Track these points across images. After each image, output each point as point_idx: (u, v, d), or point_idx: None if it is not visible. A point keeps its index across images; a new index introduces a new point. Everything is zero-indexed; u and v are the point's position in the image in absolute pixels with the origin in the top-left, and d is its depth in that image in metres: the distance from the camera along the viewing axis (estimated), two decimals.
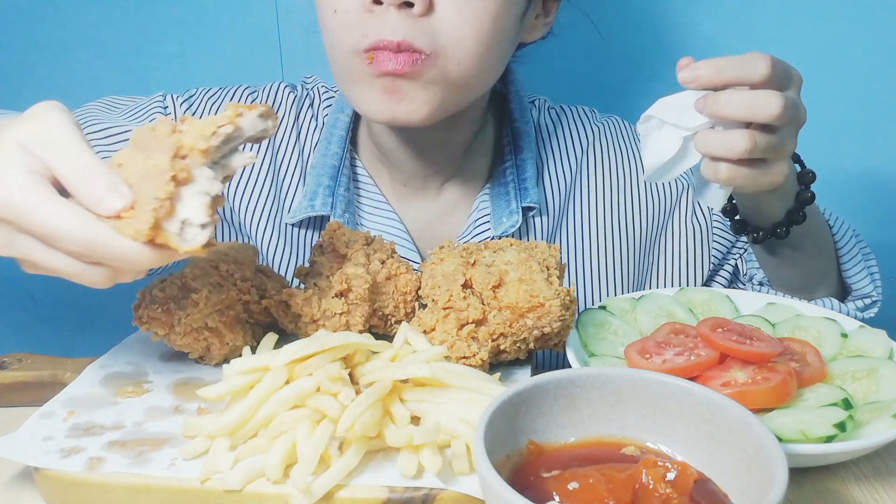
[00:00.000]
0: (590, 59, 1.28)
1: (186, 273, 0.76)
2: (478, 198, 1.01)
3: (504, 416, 0.53)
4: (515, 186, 0.99)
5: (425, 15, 0.78)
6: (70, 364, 0.76)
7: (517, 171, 0.99)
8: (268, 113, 0.60)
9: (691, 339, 0.72)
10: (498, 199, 0.99)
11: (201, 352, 0.74)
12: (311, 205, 0.97)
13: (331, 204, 0.97)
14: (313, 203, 0.97)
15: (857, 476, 0.65)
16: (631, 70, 1.28)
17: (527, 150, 1.00)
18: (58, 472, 0.58)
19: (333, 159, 0.99)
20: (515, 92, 1.04)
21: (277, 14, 1.28)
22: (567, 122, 1.07)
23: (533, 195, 0.98)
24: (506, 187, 0.99)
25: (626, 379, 0.56)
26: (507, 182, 0.99)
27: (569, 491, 0.48)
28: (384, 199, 1.01)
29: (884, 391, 0.67)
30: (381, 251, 0.79)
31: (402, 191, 1.02)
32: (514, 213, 0.97)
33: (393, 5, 0.77)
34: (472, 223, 1.00)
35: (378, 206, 1.01)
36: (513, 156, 1.00)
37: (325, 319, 0.72)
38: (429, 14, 0.79)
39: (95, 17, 1.30)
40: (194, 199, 0.55)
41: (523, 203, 0.97)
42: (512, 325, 0.70)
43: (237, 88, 1.06)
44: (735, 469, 0.51)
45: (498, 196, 0.99)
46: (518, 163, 1.00)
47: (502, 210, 0.98)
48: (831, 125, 1.27)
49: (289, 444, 0.56)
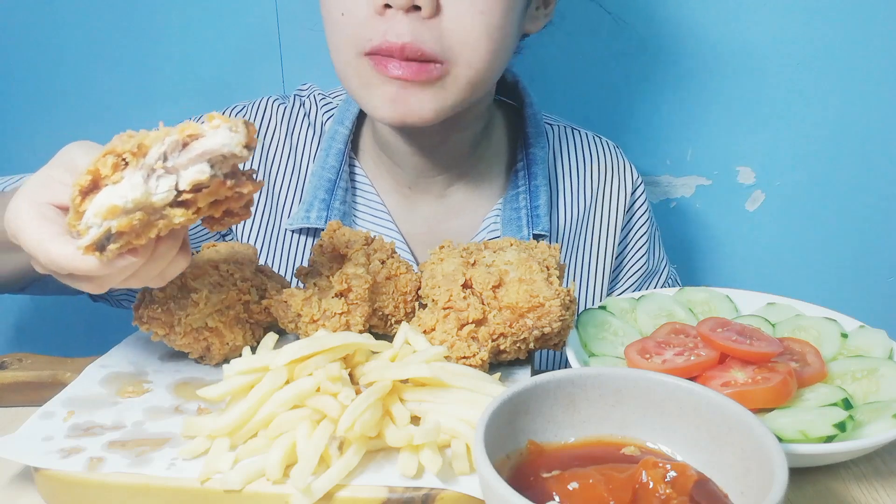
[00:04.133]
0: (587, 56, 1.28)
1: (186, 273, 0.76)
2: (487, 218, 1.02)
3: (504, 416, 0.53)
4: (528, 213, 1.00)
5: (433, 17, 0.78)
6: (70, 364, 0.76)
7: (530, 197, 1.00)
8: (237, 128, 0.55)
9: (691, 339, 0.72)
10: (509, 224, 0.99)
11: (201, 352, 0.74)
12: (307, 216, 0.98)
13: (325, 217, 0.97)
14: (309, 215, 0.98)
15: (857, 476, 0.65)
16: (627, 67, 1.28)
17: (541, 177, 1.01)
18: (58, 472, 0.58)
19: (330, 172, 0.99)
20: (532, 116, 1.04)
21: (277, 14, 1.28)
22: (586, 151, 1.08)
23: (544, 223, 0.99)
24: (518, 213, 1.00)
25: (626, 379, 0.56)
26: (519, 207, 1.00)
27: (569, 491, 0.48)
28: (382, 206, 1.01)
29: (884, 391, 0.67)
30: (381, 251, 0.79)
31: (407, 193, 1.02)
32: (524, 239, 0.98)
33: (401, 9, 0.77)
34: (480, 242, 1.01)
35: (375, 213, 1.01)
36: (526, 181, 1.01)
37: (325, 319, 0.72)
38: (437, 16, 0.79)
39: (95, 18, 1.30)
40: (100, 201, 0.53)
41: (534, 230, 0.98)
42: (512, 325, 0.70)
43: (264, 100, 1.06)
44: (735, 469, 0.51)
45: (509, 221, 1.00)
46: (532, 189, 1.01)
47: (513, 234, 0.98)
48: (831, 125, 1.27)
49: (289, 444, 0.56)
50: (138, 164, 0.53)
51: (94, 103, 1.33)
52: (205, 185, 0.54)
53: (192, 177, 0.53)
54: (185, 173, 0.54)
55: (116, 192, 0.53)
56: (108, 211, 0.53)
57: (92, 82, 1.33)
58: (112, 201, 0.53)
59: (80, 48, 1.32)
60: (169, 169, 0.54)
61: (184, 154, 0.54)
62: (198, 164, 0.54)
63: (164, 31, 1.30)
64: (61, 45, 1.32)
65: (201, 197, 0.55)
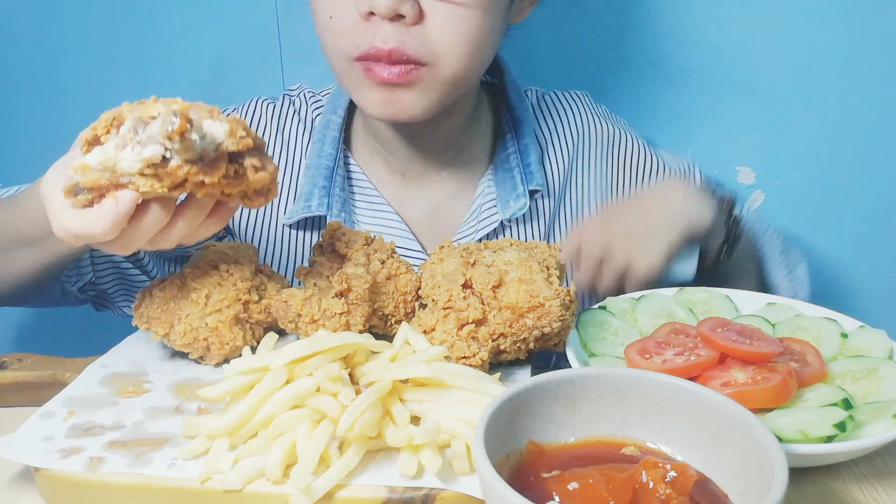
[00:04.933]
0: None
1: (186, 273, 0.76)
2: (481, 183, 1.03)
3: (504, 416, 0.53)
4: (521, 171, 1.01)
5: (417, 24, 0.82)
6: (70, 364, 0.76)
7: (521, 156, 1.02)
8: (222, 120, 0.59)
9: (691, 339, 0.72)
10: (503, 184, 1.01)
11: (201, 352, 0.74)
12: (307, 205, 0.98)
13: (327, 204, 0.98)
14: (309, 204, 0.98)
15: (857, 476, 0.65)
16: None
17: (528, 136, 1.03)
18: (58, 472, 0.58)
19: (328, 160, 1.00)
20: (512, 82, 1.07)
21: (277, 14, 1.28)
22: (562, 105, 1.11)
23: (538, 178, 1.01)
24: (510, 172, 1.02)
25: (626, 379, 0.56)
26: (511, 167, 1.02)
27: (569, 491, 0.48)
28: (379, 196, 1.02)
29: (884, 391, 0.66)
30: (381, 251, 0.79)
31: (402, 182, 1.04)
32: (521, 197, 1.00)
33: (385, 18, 0.81)
34: (478, 208, 1.01)
35: (374, 202, 1.02)
36: (515, 142, 1.03)
37: (325, 319, 0.72)
38: (420, 23, 0.82)
39: (95, 18, 1.30)
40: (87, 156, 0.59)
41: (530, 186, 1.00)
42: (512, 325, 0.70)
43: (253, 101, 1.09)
44: (735, 469, 0.51)
45: (503, 181, 1.01)
46: (521, 148, 1.03)
47: (509, 194, 1.00)
48: (832, 125, 1.27)
49: (289, 444, 0.56)
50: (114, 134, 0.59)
51: (94, 103, 1.32)
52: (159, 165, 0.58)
53: (147, 154, 0.57)
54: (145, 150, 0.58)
55: (94, 152, 0.59)
56: (80, 166, 0.59)
57: (92, 82, 1.33)
58: (84, 159, 0.59)
59: (79, 48, 1.32)
60: (141, 142, 0.58)
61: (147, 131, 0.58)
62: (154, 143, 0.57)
63: (164, 31, 1.30)
64: (61, 45, 1.32)
65: (164, 174, 0.58)
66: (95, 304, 1.05)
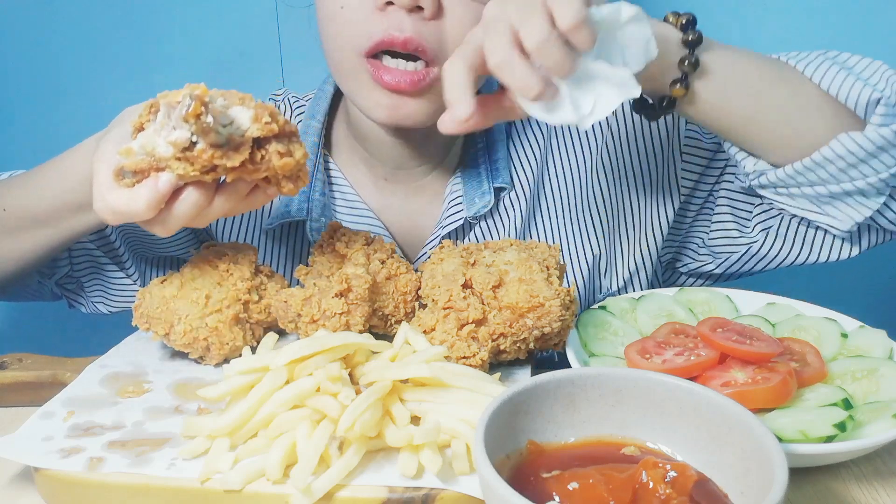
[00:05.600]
0: None
1: (186, 273, 0.76)
2: (451, 182, 1.02)
3: (504, 416, 0.53)
4: (487, 168, 1.00)
5: (434, 19, 0.80)
6: (70, 364, 0.76)
7: (488, 152, 1.01)
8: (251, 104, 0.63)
9: (691, 339, 0.72)
10: (470, 181, 1.00)
11: (201, 352, 0.74)
12: (286, 210, 0.98)
13: (306, 209, 0.97)
14: (289, 208, 0.98)
15: (857, 476, 0.65)
16: None
17: (497, 132, 1.02)
18: (58, 472, 0.58)
19: None
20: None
21: (277, 14, 1.28)
22: None
23: (504, 175, 0.99)
24: (477, 169, 1.00)
25: (626, 379, 0.56)
26: (478, 164, 1.01)
27: (569, 491, 0.48)
28: (360, 200, 1.01)
29: (884, 391, 0.67)
30: (381, 251, 0.79)
31: (383, 185, 1.02)
32: (486, 194, 0.98)
33: (404, 8, 0.78)
34: (446, 206, 1.00)
35: (354, 206, 1.01)
36: (483, 138, 1.02)
37: (325, 319, 0.72)
38: (438, 18, 0.80)
39: (95, 18, 1.30)
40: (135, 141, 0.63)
41: (495, 184, 0.99)
42: (512, 325, 0.70)
43: None
44: (735, 469, 0.51)
45: (470, 178, 1.00)
46: (489, 144, 1.01)
47: (474, 191, 0.99)
48: None
49: (289, 444, 0.56)
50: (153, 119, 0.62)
51: (94, 103, 1.33)
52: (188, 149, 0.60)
53: (173, 137, 0.60)
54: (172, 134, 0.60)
55: (138, 137, 0.63)
56: (126, 151, 0.63)
57: (92, 82, 1.33)
58: (130, 144, 0.63)
59: (80, 48, 1.32)
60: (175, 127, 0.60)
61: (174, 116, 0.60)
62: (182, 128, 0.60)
63: (164, 31, 1.30)
64: (61, 45, 1.32)
65: (194, 158, 0.61)
66: (70, 298, 1.05)
